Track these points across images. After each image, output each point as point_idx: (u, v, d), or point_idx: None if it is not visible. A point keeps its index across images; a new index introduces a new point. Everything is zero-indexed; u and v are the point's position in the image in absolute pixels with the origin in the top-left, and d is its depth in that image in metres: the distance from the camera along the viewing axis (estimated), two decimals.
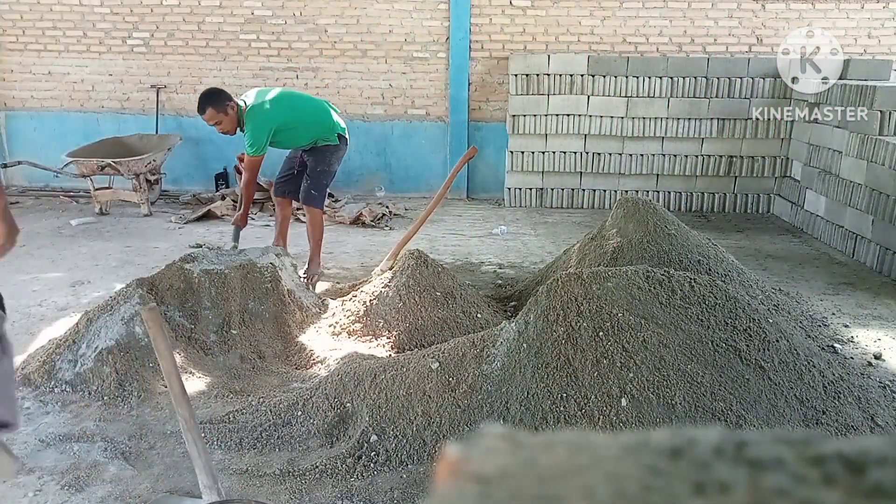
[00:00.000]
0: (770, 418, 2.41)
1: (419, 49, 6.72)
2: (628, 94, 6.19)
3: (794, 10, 6.48)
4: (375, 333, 3.39)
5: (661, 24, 6.55)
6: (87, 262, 4.77)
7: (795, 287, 4.33)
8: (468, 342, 2.69)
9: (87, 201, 6.39)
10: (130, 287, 3.26)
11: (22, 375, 2.99)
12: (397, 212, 6.18)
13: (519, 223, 5.91)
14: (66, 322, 3.59)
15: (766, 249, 5.25)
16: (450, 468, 0.29)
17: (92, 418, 2.72)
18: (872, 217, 4.74)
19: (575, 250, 3.92)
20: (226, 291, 3.36)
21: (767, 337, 2.59)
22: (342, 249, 5.15)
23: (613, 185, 6.44)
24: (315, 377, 2.98)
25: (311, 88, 6.86)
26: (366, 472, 2.38)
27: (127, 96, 7.00)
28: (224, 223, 5.87)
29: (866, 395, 2.70)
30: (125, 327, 3.02)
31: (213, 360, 3.15)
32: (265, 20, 6.73)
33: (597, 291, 2.60)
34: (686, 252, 3.57)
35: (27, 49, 6.98)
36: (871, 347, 3.45)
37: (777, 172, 6.30)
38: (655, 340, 2.47)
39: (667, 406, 2.36)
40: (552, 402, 2.42)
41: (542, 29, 6.61)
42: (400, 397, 2.58)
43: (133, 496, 2.28)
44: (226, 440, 2.56)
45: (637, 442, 0.30)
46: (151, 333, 1.97)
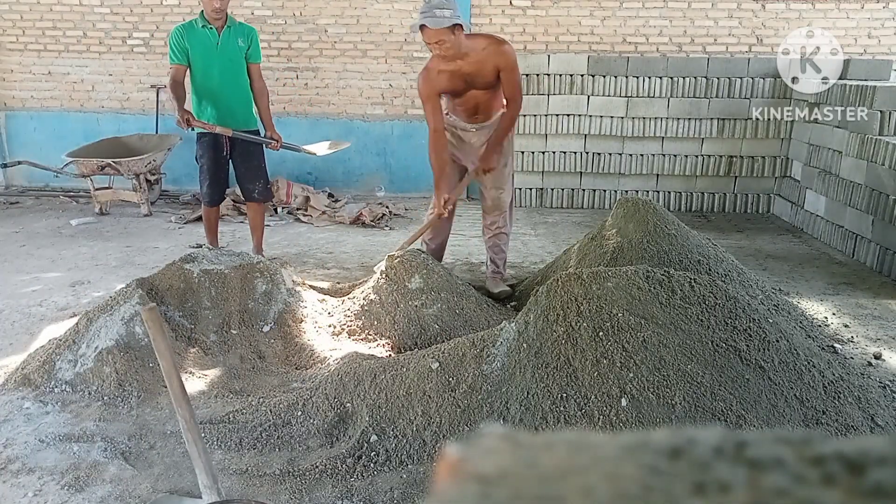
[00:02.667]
0: (770, 418, 2.41)
1: (419, 49, 6.71)
2: (628, 94, 6.20)
3: (794, 10, 6.49)
4: (375, 333, 3.39)
5: (661, 24, 6.55)
6: (87, 262, 4.77)
7: (795, 287, 4.33)
8: (468, 342, 2.69)
9: (87, 201, 6.39)
10: (130, 287, 3.26)
11: (22, 375, 3.00)
12: (397, 212, 6.18)
13: (519, 223, 5.91)
14: (66, 322, 3.60)
15: (766, 249, 5.25)
16: (450, 468, 0.29)
17: (92, 418, 2.72)
18: (872, 217, 4.74)
19: (575, 250, 3.92)
20: (226, 291, 3.36)
21: (767, 337, 2.59)
22: (342, 249, 5.15)
23: (613, 185, 6.44)
24: (315, 377, 2.98)
25: (311, 88, 6.87)
26: (366, 472, 2.38)
27: (127, 96, 7.00)
28: (224, 223, 5.87)
29: (866, 395, 2.70)
30: (125, 327, 3.02)
31: (213, 360, 3.15)
32: (265, 20, 6.73)
33: (597, 291, 2.60)
34: (686, 252, 3.57)
35: (27, 49, 6.98)
36: (871, 347, 3.45)
37: (777, 172, 6.30)
38: (655, 340, 2.47)
39: (667, 406, 2.36)
40: (552, 402, 2.42)
41: (542, 29, 6.62)
42: (400, 397, 2.58)
43: (133, 496, 2.28)
44: (226, 440, 2.56)
45: (637, 442, 0.30)
46: (151, 333, 1.97)
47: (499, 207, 4.05)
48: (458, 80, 3.63)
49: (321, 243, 5.32)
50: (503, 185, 4.02)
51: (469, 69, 3.59)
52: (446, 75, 3.61)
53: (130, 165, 5.92)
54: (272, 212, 6.16)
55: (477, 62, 3.58)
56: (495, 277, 4.18)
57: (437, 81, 3.64)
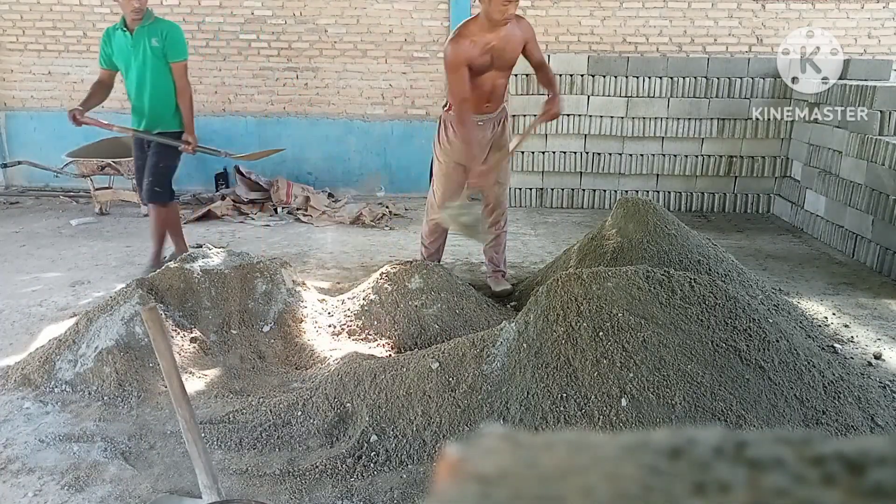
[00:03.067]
0: (770, 418, 2.41)
1: (419, 49, 6.72)
2: (628, 94, 6.20)
3: (794, 10, 6.49)
4: (375, 333, 3.39)
5: (661, 24, 6.55)
6: (87, 262, 4.77)
7: (795, 287, 4.33)
8: (468, 342, 2.69)
9: (87, 201, 6.39)
10: (130, 287, 3.26)
11: (22, 375, 3.00)
12: (397, 212, 6.18)
13: (519, 223, 5.91)
14: (66, 322, 3.59)
15: (766, 249, 5.25)
16: (450, 468, 0.29)
17: (92, 418, 2.72)
18: (872, 217, 4.74)
19: (575, 250, 3.92)
20: (226, 291, 3.36)
21: (767, 337, 2.59)
22: (342, 249, 5.15)
23: (613, 185, 6.44)
24: (315, 377, 2.98)
25: (311, 88, 6.87)
26: (366, 472, 2.38)
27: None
28: (224, 223, 5.88)
29: (866, 395, 2.70)
30: (125, 327, 3.02)
31: (213, 360, 3.15)
32: (265, 20, 6.73)
33: (597, 291, 2.60)
34: (686, 252, 3.57)
35: (27, 49, 6.98)
36: (871, 347, 3.45)
37: (777, 172, 6.30)
38: (655, 340, 2.47)
39: (667, 406, 2.36)
40: (552, 402, 2.42)
41: (542, 29, 6.61)
42: (400, 397, 2.58)
43: (133, 496, 2.28)
44: (226, 440, 2.56)
45: (637, 442, 0.30)
46: (151, 333, 1.97)
47: (501, 204, 4.04)
48: (486, 54, 3.60)
49: (321, 243, 5.32)
50: (506, 180, 4.01)
51: (499, 43, 3.58)
52: (479, 47, 3.55)
53: (130, 165, 5.91)
54: (272, 212, 6.16)
55: (506, 37, 3.59)
56: (497, 276, 4.18)
57: (468, 50, 3.56)
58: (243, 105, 6.92)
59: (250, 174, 6.44)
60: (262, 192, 6.35)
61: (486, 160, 3.77)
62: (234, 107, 6.92)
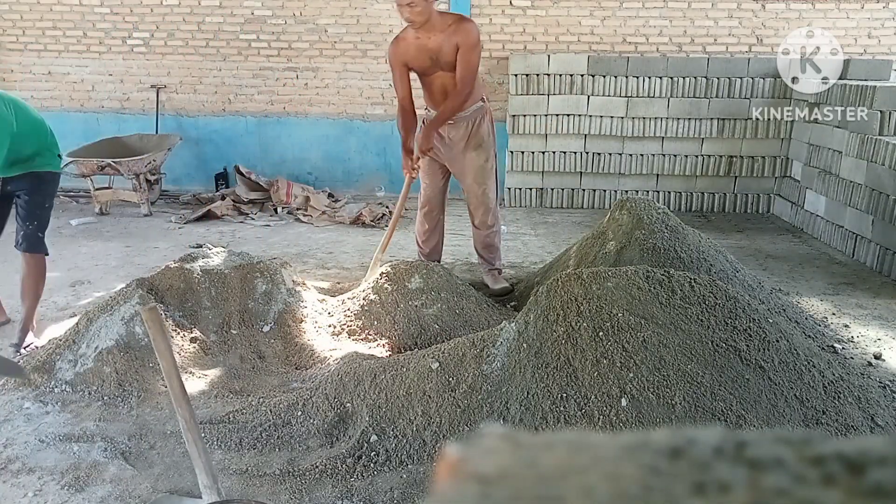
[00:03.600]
0: (770, 418, 2.41)
1: None
2: (628, 94, 6.19)
3: (794, 10, 6.48)
4: (375, 333, 3.39)
5: (661, 24, 6.55)
6: (87, 262, 4.77)
7: (795, 287, 4.33)
8: (468, 342, 2.69)
9: (87, 201, 6.39)
10: (130, 287, 3.26)
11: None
12: None
13: (519, 223, 5.91)
14: (66, 322, 3.59)
15: (766, 249, 5.25)
16: (450, 468, 0.29)
17: (92, 418, 2.72)
18: (872, 217, 4.74)
19: (575, 250, 3.92)
20: (226, 291, 3.36)
21: (767, 337, 2.59)
22: (342, 249, 5.15)
23: (613, 185, 6.44)
24: (315, 377, 2.98)
25: (311, 88, 6.86)
26: (366, 472, 2.38)
27: (127, 96, 7.00)
28: (224, 223, 5.88)
29: (866, 395, 2.70)
30: (125, 327, 3.02)
31: (213, 360, 3.15)
32: (265, 20, 6.73)
33: (597, 291, 2.60)
34: (686, 252, 3.57)
35: (27, 49, 6.98)
36: (871, 347, 3.45)
37: (777, 172, 6.30)
38: (655, 340, 2.47)
39: (667, 406, 2.36)
40: (552, 402, 2.42)
41: (542, 29, 6.61)
42: (400, 397, 2.58)
43: (133, 496, 2.28)
44: (226, 440, 2.56)
45: (637, 442, 0.30)
46: (151, 333, 1.97)
47: (484, 204, 4.04)
48: (424, 55, 3.65)
49: (321, 243, 5.32)
50: (485, 181, 4.01)
51: (433, 45, 3.61)
52: (413, 48, 3.66)
53: (130, 165, 5.92)
54: (272, 212, 6.16)
55: (441, 39, 3.60)
56: (492, 273, 4.18)
57: (404, 51, 3.69)
58: (243, 105, 6.92)
59: (250, 174, 6.45)
60: (262, 192, 6.36)
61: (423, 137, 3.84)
62: (234, 107, 6.92)
